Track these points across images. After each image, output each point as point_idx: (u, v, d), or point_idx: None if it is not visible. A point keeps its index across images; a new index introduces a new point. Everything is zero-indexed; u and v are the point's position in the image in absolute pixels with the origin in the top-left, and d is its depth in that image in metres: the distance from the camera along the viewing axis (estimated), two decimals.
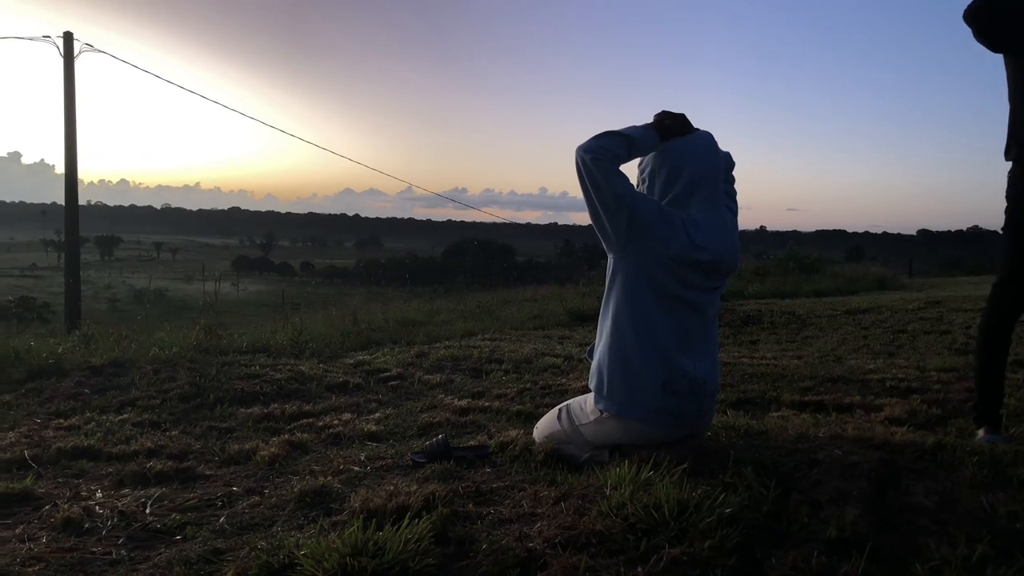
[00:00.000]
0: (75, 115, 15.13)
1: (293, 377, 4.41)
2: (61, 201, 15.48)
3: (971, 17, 2.52)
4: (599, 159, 2.26)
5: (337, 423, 3.35)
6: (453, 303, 12.13)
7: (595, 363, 2.42)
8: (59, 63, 15.01)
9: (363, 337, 7.01)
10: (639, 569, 1.53)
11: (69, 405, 3.78)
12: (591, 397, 2.42)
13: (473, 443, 2.83)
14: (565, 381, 4.27)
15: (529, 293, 13.92)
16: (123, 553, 1.86)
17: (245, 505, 2.20)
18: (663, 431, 2.31)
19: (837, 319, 7.83)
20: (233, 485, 2.44)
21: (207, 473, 2.63)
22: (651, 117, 2.41)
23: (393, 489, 2.09)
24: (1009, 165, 2.62)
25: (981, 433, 2.63)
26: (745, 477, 1.94)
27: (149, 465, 2.64)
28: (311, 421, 3.45)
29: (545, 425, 2.64)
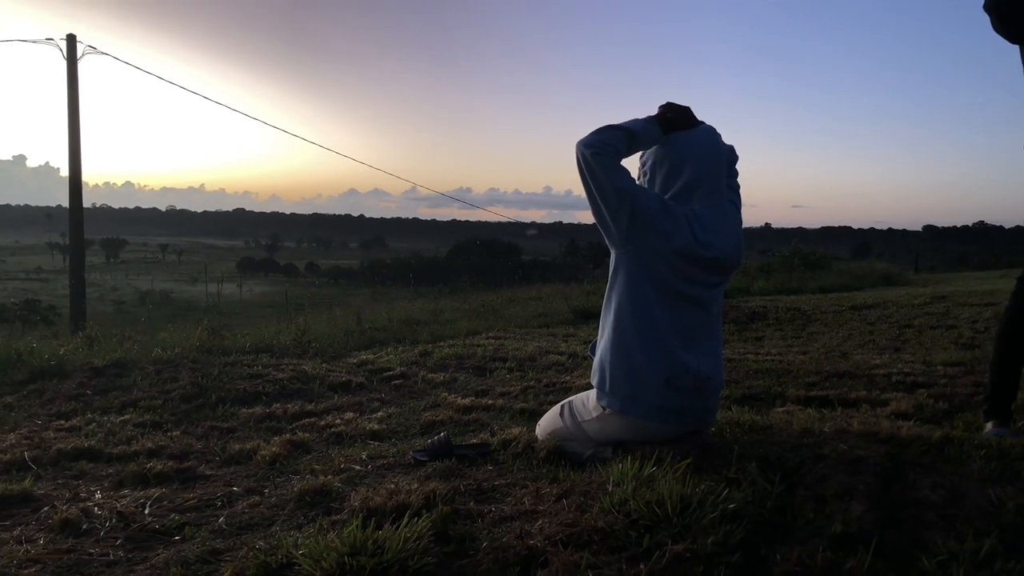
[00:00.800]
0: (79, 117, 15.17)
1: (296, 377, 4.40)
2: (66, 204, 15.52)
3: (992, 6, 2.49)
4: (599, 154, 2.24)
5: (339, 422, 3.34)
6: (457, 302, 12.12)
7: (597, 359, 2.39)
8: (62, 66, 15.06)
9: (367, 336, 7.00)
10: (641, 566, 1.50)
11: (70, 406, 3.78)
12: (593, 393, 2.40)
13: (475, 441, 2.81)
14: (569, 379, 4.25)
15: (534, 292, 13.90)
16: (121, 554, 1.84)
17: (245, 505, 2.19)
18: (666, 427, 2.29)
19: (842, 315, 7.79)
20: (233, 485, 2.43)
21: (208, 473, 2.62)
22: (656, 109, 2.39)
23: (393, 487, 2.08)
24: None
25: (989, 427, 2.60)
26: (749, 472, 1.91)
27: (149, 466, 2.63)
28: (313, 420, 3.43)
29: (548, 422, 2.62)
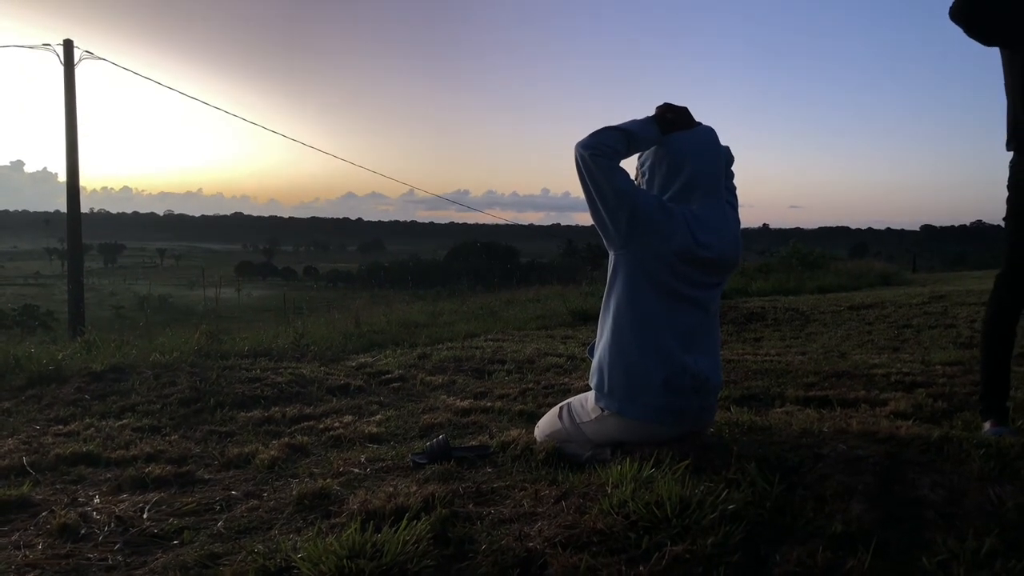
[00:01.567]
0: (76, 123, 15.15)
1: (294, 380, 4.39)
2: (64, 209, 15.51)
3: (956, 15, 2.50)
4: (598, 155, 2.23)
5: (338, 425, 3.33)
6: (456, 305, 12.11)
7: (596, 361, 2.39)
8: (60, 71, 15.06)
9: (365, 339, 6.98)
10: (641, 567, 1.50)
11: (69, 411, 3.77)
12: (592, 395, 2.40)
13: (474, 443, 2.81)
14: (568, 380, 4.25)
15: (532, 294, 13.89)
16: (119, 559, 1.84)
17: (243, 509, 2.18)
18: (665, 429, 2.29)
19: (841, 315, 7.79)
20: (232, 489, 2.43)
21: (206, 477, 2.62)
22: (655, 110, 2.39)
23: (392, 490, 2.07)
24: (1010, 156, 2.60)
25: (988, 426, 2.60)
26: (749, 473, 1.91)
27: (148, 470, 2.62)
28: (311, 424, 3.42)
29: (546, 424, 2.62)
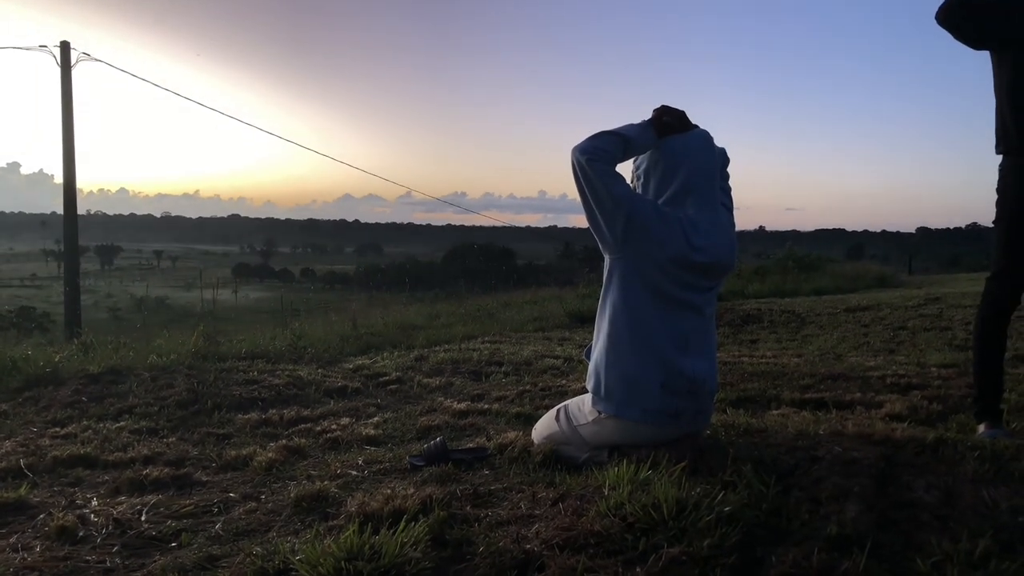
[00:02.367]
0: (73, 124, 15.14)
1: (291, 382, 4.39)
2: (60, 211, 15.49)
3: (943, 20, 2.52)
4: (595, 160, 2.24)
5: (335, 427, 3.33)
6: (453, 307, 12.11)
7: (592, 364, 2.40)
8: (56, 72, 15.04)
9: (362, 342, 6.99)
10: (638, 569, 1.51)
11: (66, 413, 3.77)
12: (589, 398, 2.41)
13: (471, 445, 2.82)
14: (565, 382, 4.25)
15: (529, 296, 13.90)
16: (117, 561, 1.84)
17: (241, 511, 2.19)
18: (661, 431, 2.29)
19: (837, 317, 7.81)
20: (230, 491, 2.43)
21: (204, 479, 2.62)
22: (650, 113, 2.40)
23: (390, 493, 2.08)
24: (1000, 159, 2.62)
25: (982, 428, 2.62)
26: (745, 475, 1.92)
27: (145, 472, 2.62)
28: (309, 426, 3.43)
29: (543, 426, 2.63)
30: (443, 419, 3.41)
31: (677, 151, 2.35)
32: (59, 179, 15.56)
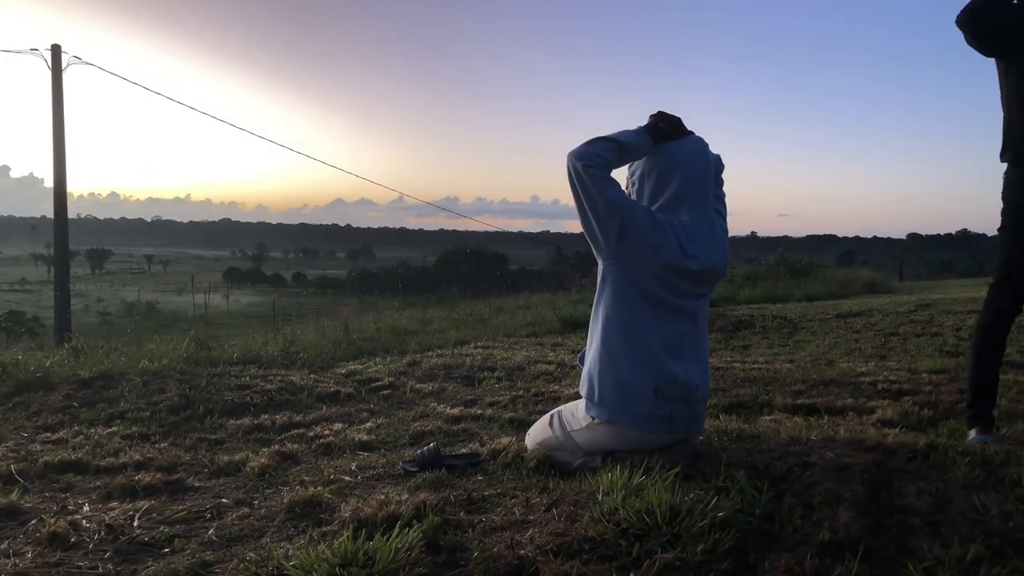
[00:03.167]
0: (63, 128, 15.10)
1: (284, 388, 4.38)
2: (51, 215, 15.42)
3: (965, 23, 2.53)
4: (590, 166, 2.25)
5: (328, 433, 3.33)
6: (446, 312, 12.10)
7: (586, 370, 2.41)
8: (47, 76, 14.99)
9: (355, 347, 6.98)
10: (632, 575, 1.51)
11: (57, 419, 3.74)
12: (582, 403, 2.41)
13: (465, 451, 2.82)
14: (558, 388, 4.26)
15: (522, 301, 13.91)
16: (110, 567, 1.83)
17: (234, 517, 2.18)
18: (655, 437, 2.30)
19: (828, 323, 7.84)
20: (222, 497, 2.42)
21: (196, 485, 2.61)
22: (646, 119, 2.41)
23: (384, 498, 2.08)
24: (1004, 167, 2.63)
25: (973, 434, 2.63)
26: (738, 481, 1.93)
27: (137, 478, 2.61)
28: (302, 432, 3.42)
29: (537, 432, 2.63)
30: (436, 424, 3.41)
31: (672, 158, 2.36)
32: (49, 183, 15.51)
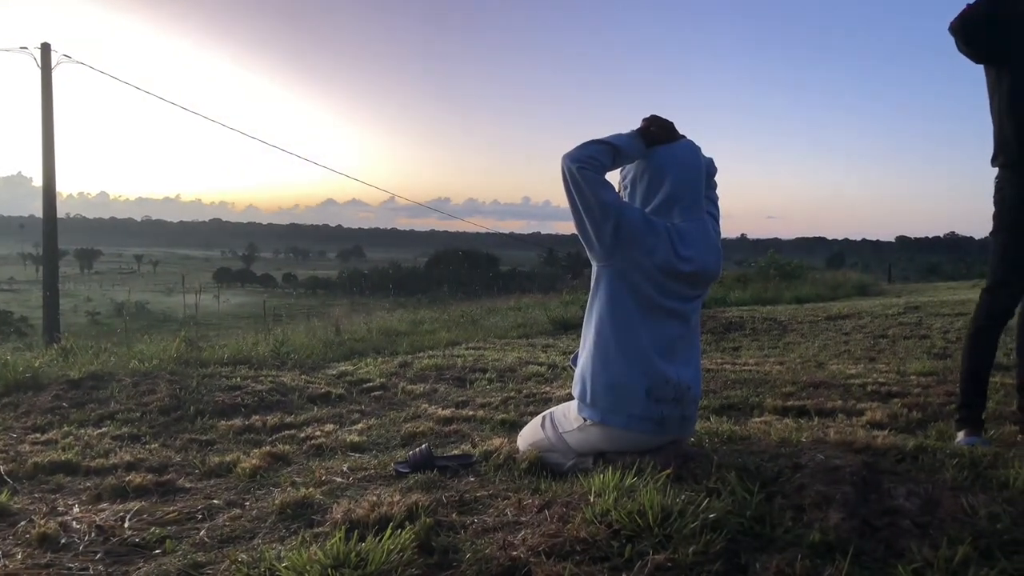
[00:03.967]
0: (53, 127, 14.99)
1: (274, 388, 4.37)
2: (39, 214, 15.32)
3: (958, 30, 2.55)
4: (585, 168, 2.27)
5: (319, 434, 3.32)
6: (437, 313, 12.09)
7: (578, 371, 2.41)
8: (37, 74, 14.89)
9: (346, 348, 6.96)
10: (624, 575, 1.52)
11: (46, 419, 3.73)
12: (574, 404, 2.42)
13: (457, 452, 2.82)
14: (549, 389, 4.26)
15: (513, 302, 13.91)
16: (100, 568, 1.83)
17: (226, 518, 2.17)
18: (647, 438, 2.31)
19: (818, 325, 7.88)
20: (214, 498, 2.41)
21: (187, 486, 2.60)
22: (638, 122, 2.42)
23: (376, 500, 2.08)
24: (994, 172, 2.65)
25: (961, 436, 2.65)
26: (729, 482, 1.94)
27: (128, 479, 2.60)
28: (293, 432, 3.41)
29: (529, 433, 2.64)
30: (428, 426, 3.41)
31: (664, 161, 2.37)
32: (38, 182, 15.41)
